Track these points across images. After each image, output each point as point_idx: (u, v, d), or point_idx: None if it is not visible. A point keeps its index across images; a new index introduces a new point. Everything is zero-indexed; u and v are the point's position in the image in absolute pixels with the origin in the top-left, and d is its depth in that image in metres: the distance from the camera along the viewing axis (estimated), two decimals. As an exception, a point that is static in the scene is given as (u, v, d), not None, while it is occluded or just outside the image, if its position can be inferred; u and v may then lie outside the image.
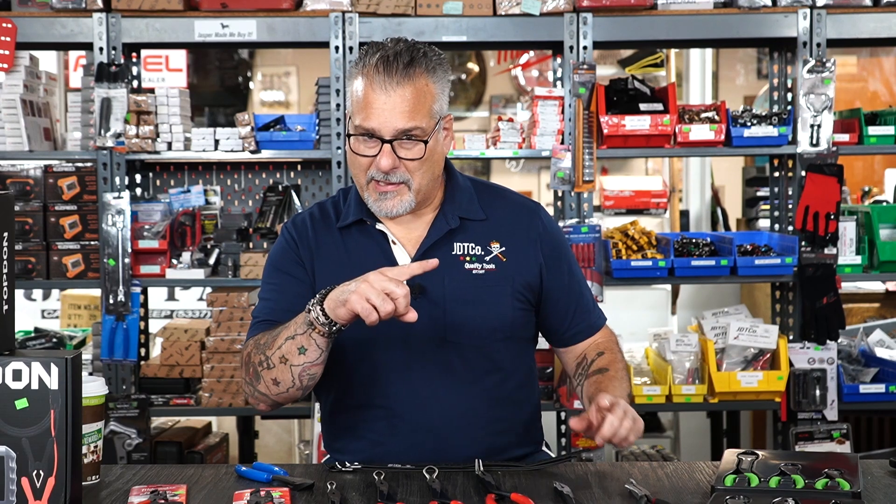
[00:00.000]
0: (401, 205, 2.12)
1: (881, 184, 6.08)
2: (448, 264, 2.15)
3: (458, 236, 2.19)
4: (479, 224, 2.21)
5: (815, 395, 3.82)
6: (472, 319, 2.15)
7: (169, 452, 3.92)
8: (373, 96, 2.06)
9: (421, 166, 2.10)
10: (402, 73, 2.06)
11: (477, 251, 2.19)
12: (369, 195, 2.13)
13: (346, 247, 2.19)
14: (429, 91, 2.09)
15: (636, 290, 4.99)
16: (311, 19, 3.83)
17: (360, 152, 2.10)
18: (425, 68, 2.09)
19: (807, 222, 3.82)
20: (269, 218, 3.93)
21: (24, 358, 1.79)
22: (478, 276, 2.17)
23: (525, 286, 2.20)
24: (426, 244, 2.17)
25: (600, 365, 2.23)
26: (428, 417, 2.14)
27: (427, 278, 2.10)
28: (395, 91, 2.06)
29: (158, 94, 3.85)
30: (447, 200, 2.21)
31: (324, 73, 3.89)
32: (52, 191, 3.89)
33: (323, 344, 1.98)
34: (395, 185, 2.10)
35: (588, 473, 2.04)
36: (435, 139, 2.12)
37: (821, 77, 3.80)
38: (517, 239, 2.22)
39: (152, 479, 2.01)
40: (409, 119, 2.06)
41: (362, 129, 2.08)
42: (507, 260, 2.19)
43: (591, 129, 3.82)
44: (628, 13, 3.82)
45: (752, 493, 1.85)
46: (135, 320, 3.84)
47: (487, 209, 2.23)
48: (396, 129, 2.06)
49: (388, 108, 2.05)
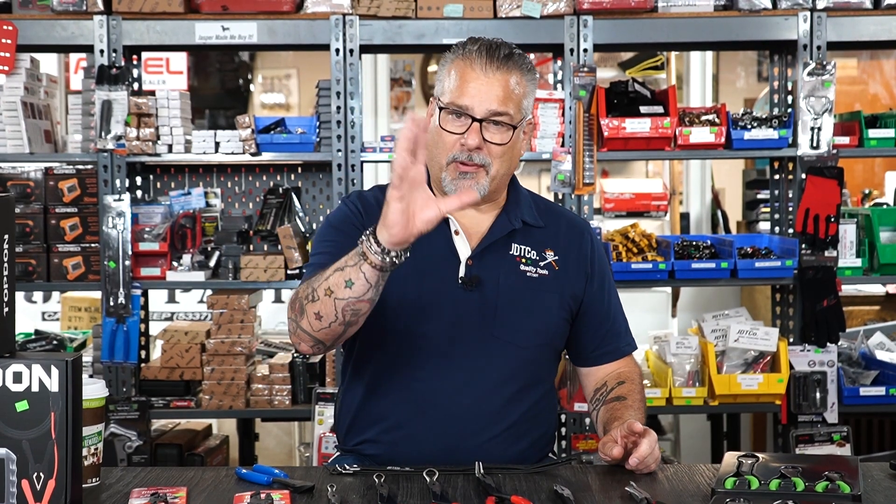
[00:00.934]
0: (476, 187, 2.15)
1: (881, 186, 6.09)
2: (505, 263, 2.21)
3: (516, 238, 2.25)
4: (537, 231, 2.27)
5: (815, 397, 3.82)
6: (521, 321, 2.20)
7: (169, 455, 3.92)
8: (472, 75, 2.14)
9: (503, 153, 2.16)
10: (501, 61, 2.15)
11: (533, 255, 2.24)
12: (447, 174, 2.16)
13: None
14: (522, 87, 2.18)
15: (636, 293, 4.99)
16: (312, 22, 3.83)
17: (448, 128, 2.15)
18: (521, 66, 2.18)
19: (807, 225, 3.82)
20: (270, 220, 3.93)
21: (24, 360, 1.79)
22: (531, 279, 2.22)
23: (572, 297, 2.26)
24: (487, 240, 2.22)
25: (619, 393, 2.26)
26: (459, 408, 2.17)
27: (483, 274, 2.18)
28: (494, 74, 2.14)
29: (159, 97, 3.86)
30: (510, 203, 2.27)
31: (324, 75, 3.89)
32: (52, 193, 3.89)
33: (372, 277, 1.91)
34: (475, 167, 2.15)
35: (588, 476, 2.04)
36: (518, 133, 2.19)
37: (821, 80, 3.80)
38: (569, 252, 2.28)
39: (152, 482, 2.01)
40: (501, 103, 2.14)
41: (454, 106, 2.14)
42: (559, 269, 2.25)
43: (592, 132, 3.82)
44: (629, 16, 3.82)
45: (753, 496, 1.85)
46: (135, 322, 3.84)
47: (544, 219, 2.30)
48: (489, 110, 2.13)
49: (485, 89, 2.13)
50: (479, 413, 2.18)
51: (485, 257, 2.21)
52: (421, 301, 2.17)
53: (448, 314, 2.16)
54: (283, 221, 3.92)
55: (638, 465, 2.00)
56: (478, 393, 2.18)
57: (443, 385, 2.17)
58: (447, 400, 2.17)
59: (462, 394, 2.17)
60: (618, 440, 2.04)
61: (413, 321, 2.17)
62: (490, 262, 2.20)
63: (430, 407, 2.18)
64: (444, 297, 2.17)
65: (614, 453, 2.02)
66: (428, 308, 2.15)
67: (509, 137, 2.16)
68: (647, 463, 2.02)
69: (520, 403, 2.22)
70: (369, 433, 2.24)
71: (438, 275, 2.18)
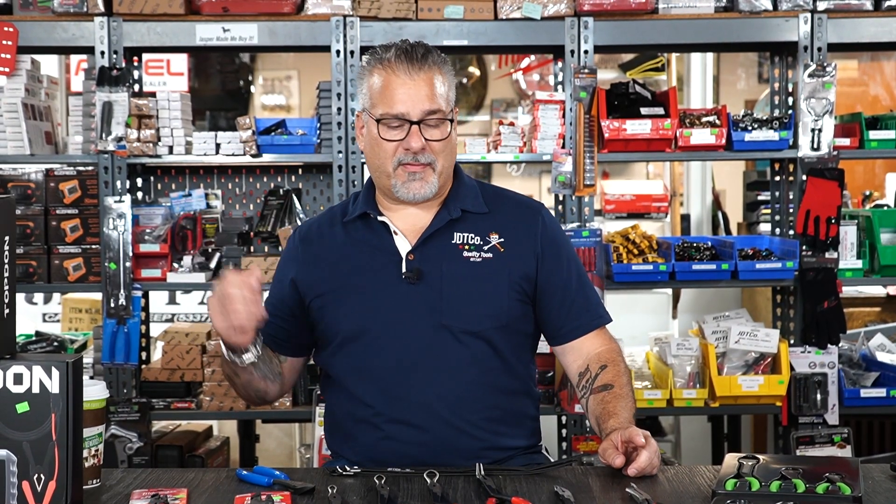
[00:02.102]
0: (427, 187, 2.22)
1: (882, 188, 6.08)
2: (447, 252, 2.24)
3: (458, 227, 2.27)
4: (480, 217, 2.29)
5: (815, 399, 3.82)
6: (468, 305, 2.21)
7: (170, 456, 3.92)
8: (398, 82, 2.20)
9: (445, 148, 2.23)
10: (421, 61, 2.21)
11: (476, 241, 2.26)
12: (397, 180, 2.22)
13: (349, 238, 2.29)
14: (444, 81, 2.24)
15: (637, 294, 4.99)
16: (313, 23, 3.83)
17: (388, 137, 2.21)
18: (438, 62, 2.24)
19: (808, 226, 3.82)
20: (271, 222, 3.93)
21: (25, 362, 1.79)
22: (475, 264, 2.24)
23: (522, 277, 2.25)
24: (427, 233, 2.25)
25: (605, 381, 2.24)
26: (426, 400, 2.18)
27: (424, 265, 2.22)
28: (419, 75, 2.20)
29: (160, 98, 3.86)
30: (451, 195, 2.30)
31: (325, 76, 3.89)
32: (53, 194, 3.89)
33: (243, 371, 2.21)
34: (422, 167, 2.21)
35: (589, 477, 2.04)
36: (451, 127, 2.25)
37: (822, 81, 3.80)
38: (517, 233, 2.28)
39: (153, 483, 2.01)
40: (432, 101, 2.20)
41: (390, 116, 2.20)
42: (504, 251, 2.26)
43: (592, 133, 3.82)
44: (629, 17, 3.83)
45: (753, 498, 1.85)
46: (136, 324, 3.84)
47: (490, 205, 2.32)
48: (423, 111, 2.19)
49: (414, 92, 2.19)
50: (447, 402, 2.19)
51: (426, 250, 2.24)
52: (369, 304, 2.22)
53: (397, 311, 2.20)
54: (284, 223, 3.92)
55: (636, 475, 2.01)
56: (442, 383, 2.19)
57: (406, 382, 2.19)
58: (412, 395, 2.19)
59: (427, 386, 2.19)
60: (618, 446, 2.04)
61: (364, 324, 2.22)
62: (431, 254, 2.24)
63: (397, 404, 2.19)
64: (391, 294, 2.21)
65: (616, 463, 2.02)
66: (376, 309, 2.21)
67: (448, 131, 2.22)
68: (646, 472, 2.02)
69: (490, 386, 2.22)
70: (349, 438, 2.26)
71: (382, 275, 2.23)
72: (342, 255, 2.27)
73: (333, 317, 2.25)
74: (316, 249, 2.31)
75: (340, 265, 2.26)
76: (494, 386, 2.23)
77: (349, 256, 2.27)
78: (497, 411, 2.23)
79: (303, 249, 2.33)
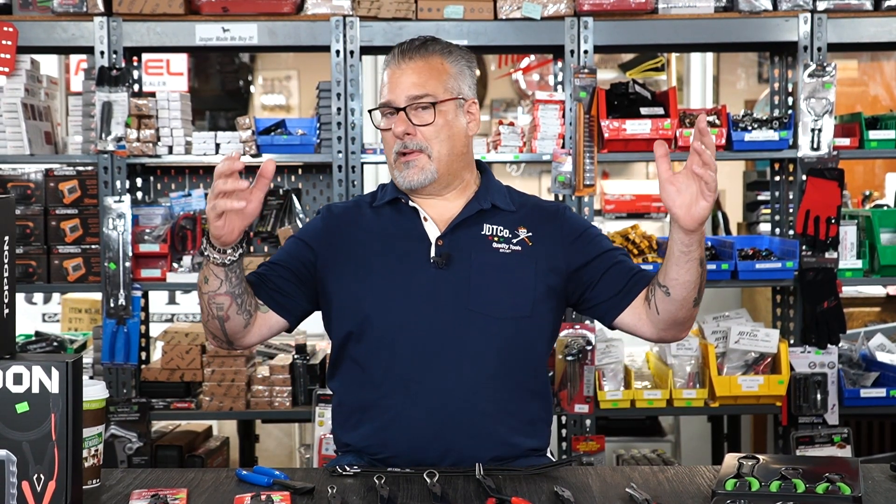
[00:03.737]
0: (422, 174, 2.24)
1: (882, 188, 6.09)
2: (476, 241, 2.26)
3: (488, 219, 2.29)
4: (509, 213, 2.31)
5: (815, 399, 3.82)
6: (496, 293, 2.22)
7: (169, 456, 3.91)
8: (389, 73, 2.27)
9: (437, 133, 2.24)
10: (415, 50, 2.26)
11: (505, 234, 2.28)
12: (396, 170, 2.26)
13: (379, 222, 2.31)
14: (443, 69, 2.26)
15: (637, 294, 4.98)
16: (312, 23, 3.83)
17: (383, 126, 2.28)
18: (440, 51, 2.28)
19: (808, 226, 3.82)
20: (270, 222, 3.93)
21: (24, 362, 1.79)
22: (504, 255, 2.26)
23: (552, 269, 2.26)
24: (457, 220, 2.27)
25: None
26: (445, 385, 2.18)
27: (454, 252, 2.23)
28: (408, 64, 2.25)
29: (159, 98, 3.86)
30: (482, 189, 2.33)
31: (325, 76, 3.89)
32: (52, 194, 3.89)
33: (219, 272, 2.13)
34: (414, 154, 2.24)
35: (589, 477, 2.04)
36: (453, 114, 2.26)
37: (821, 81, 3.80)
38: (544, 229, 2.31)
39: (153, 483, 2.01)
40: (418, 87, 2.23)
41: (381, 105, 2.27)
42: (533, 245, 2.28)
43: (592, 133, 3.82)
44: (629, 17, 3.83)
45: (753, 498, 1.85)
46: (135, 324, 3.84)
47: (517, 204, 2.35)
48: (407, 97, 2.23)
49: (401, 80, 2.24)
50: (466, 389, 2.18)
51: (455, 237, 2.25)
52: (395, 285, 2.22)
53: (423, 294, 2.20)
54: (284, 223, 3.92)
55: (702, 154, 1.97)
56: (461, 369, 2.19)
57: (425, 364, 2.19)
58: (431, 378, 2.18)
59: (446, 371, 2.18)
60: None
61: (389, 306, 2.21)
62: (461, 242, 2.25)
63: (415, 386, 2.19)
64: (417, 278, 2.22)
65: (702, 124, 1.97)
66: (402, 291, 2.21)
67: (432, 117, 2.23)
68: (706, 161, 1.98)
69: (506, 380, 2.22)
70: (360, 423, 2.24)
71: (410, 259, 2.24)
72: (369, 236, 2.28)
73: (358, 300, 2.23)
74: (342, 228, 2.31)
75: (367, 245, 2.27)
76: (513, 380, 2.23)
77: (377, 237, 2.27)
78: (512, 404, 2.23)
79: (330, 224, 2.33)
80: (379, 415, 2.21)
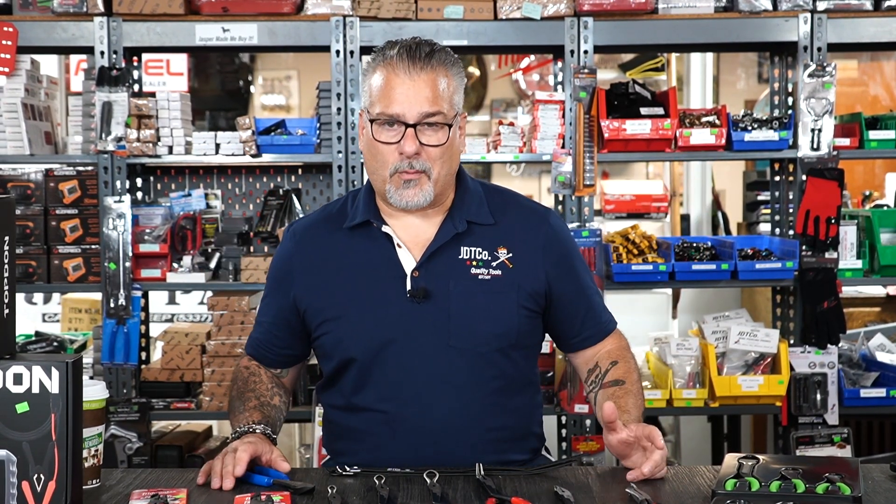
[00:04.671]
0: (421, 195, 2.12)
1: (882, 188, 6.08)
2: (454, 268, 2.16)
3: (465, 240, 2.19)
4: (488, 229, 2.21)
5: (815, 399, 3.82)
6: (477, 325, 2.14)
7: (169, 456, 3.91)
8: (396, 82, 2.09)
9: (442, 154, 2.12)
10: (424, 61, 2.10)
11: (484, 256, 2.18)
12: (391, 186, 2.13)
13: (351, 249, 2.20)
14: (450, 82, 2.13)
15: (637, 294, 4.99)
16: (312, 23, 3.83)
17: (383, 139, 2.11)
18: (444, 62, 2.14)
19: (807, 226, 3.82)
20: (270, 222, 3.93)
21: (24, 362, 1.79)
22: (483, 282, 2.16)
23: (531, 293, 2.19)
24: (432, 248, 2.17)
25: (615, 376, 2.21)
26: (429, 422, 2.14)
27: (432, 282, 2.13)
28: (419, 76, 2.09)
29: (159, 98, 3.86)
30: (456, 204, 2.21)
31: (325, 76, 3.89)
32: (52, 195, 3.89)
33: None
34: (417, 174, 2.11)
35: (589, 477, 2.04)
36: (454, 131, 2.15)
37: (821, 81, 3.80)
38: (525, 245, 2.20)
39: (153, 483, 2.01)
40: (432, 104, 2.09)
41: (385, 116, 2.10)
42: (513, 266, 2.18)
43: (592, 133, 3.82)
44: (629, 17, 3.83)
45: (753, 498, 1.85)
46: (135, 324, 3.84)
47: (496, 214, 2.23)
48: (420, 113, 2.09)
49: (413, 93, 2.09)
50: (452, 424, 2.14)
51: (432, 266, 2.16)
52: (372, 322, 2.15)
53: (401, 330, 2.12)
54: (284, 223, 3.92)
55: (650, 474, 1.98)
56: (446, 406, 2.14)
57: (408, 403, 2.14)
58: (416, 417, 2.14)
59: (431, 409, 2.14)
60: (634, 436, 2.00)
61: (367, 343, 2.15)
62: (438, 270, 2.15)
63: (400, 427, 2.15)
64: (395, 313, 2.14)
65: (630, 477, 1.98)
66: (380, 328, 2.13)
67: (446, 137, 2.12)
68: (657, 473, 1.99)
69: (494, 406, 2.18)
70: (347, 451, 2.22)
71: (386, 292, 2.15)
72: (343, 269, 2.18)
73: (338, 339, 2.18)
74: (313, 259, 2.22)
75: (342, 281, 2.17)
76: (502, 406, 2.19)
77: (350, 270, 2.18)
78: (505, 432, 2.20)
79: (299, 259, 2.24)
80: (364, 448, 2.19)
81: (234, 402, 2.26)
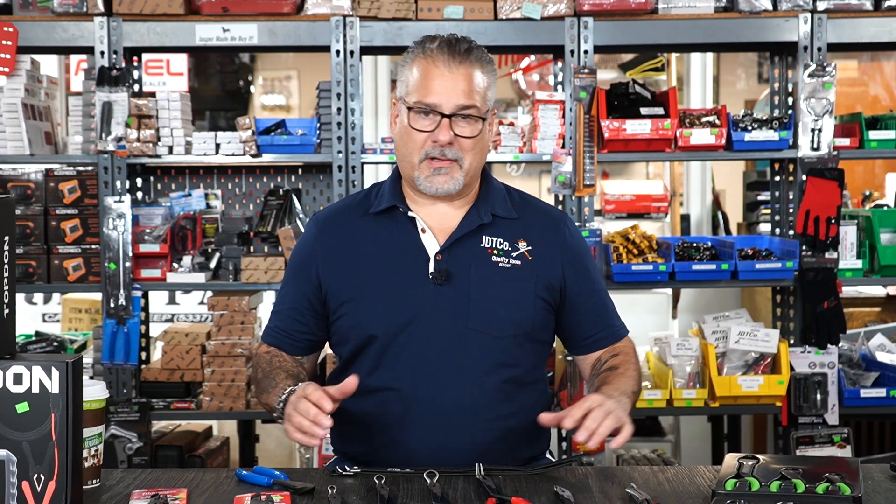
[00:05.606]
0: (451, 182, 2.20)
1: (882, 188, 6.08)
2: (476, 255, 2.23)
3: (487, 230, 2.26)
4: (510, 222, 2.29)
5: (815, 399, 3.82)
6: (496, 310, 2.20)
7: (169, 456, 3.91)
8: (435, 72, 2.18)
9: (474, 146, 2.21)
10: (463, 56, 2.19)
11: (504, 246, 2.25)
12: (421, 172, 2.21)
13: (375, 233, 2.26)
14: (484, 79, 2.22)
15: (637, 294, 4.99)
16: (312, 23, 3.83)
17: (418, 127, 2.19)
18: (481, 59, 2.22)
19: (808, 226, 3.82)
20: (270, 222, 3.93)
21: (24, 362, 1.79)
22: (504, 270, 2.23)
23: (548, 286, 2.25)
24: (456, 235, 2.23)
25: (611, 364, 2.27)
26: (442, 403, 2.17)
27: (454, 267, 2.20)
28: (458, 69, 2.18)
29: (159, 98, 3.86)
30: (482, 196, 2.29)
31: (325, 76, 3.89)
32: (52, 195, 3.89)
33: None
34: (448, 162, 2.19)
35: (589, 477, 2.04)
36: (486, 125, 2.23)
37: (822, 81, 3.80)
38: (544, 241, 2.28)
39: (153, 483, 2.01)
40: (468, 97, 2.18)
41: (422, 105, 2.18)
42: (532, 259, 2.25)
43: (592, 133, 3.82)
44: (629, 17, 3.82)
45: (753, 498, 1.85)
46: (135, 324, 3.84)
47: (518, 210, 2.31)
48: (456, 105, 2.17)
49: (451, 85, 2.17)
50: (463, 408, 2.17)
51: (454, 251, 2.22)
52: (393, 302, 2.20)
53: (421, 311, 2.18)
54: (284, 223, 3.92)
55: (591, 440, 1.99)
56: (460, 388, 2.18)
57: (424, 383, 2.18)
58: (429, 398, 2.17)
59: (444, 390, 2.17)
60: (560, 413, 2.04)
61: (388, 322, 2.19)
62: (460, 256, 2.22)
63: (413, 406, 2.18)
64: (416, 294, 2.19)
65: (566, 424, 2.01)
66: (401, 308, 2.18)
67: (479, 130, 2.20)
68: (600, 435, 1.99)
69: (506, 394, 2.21)
70: (357, 437, 2.24)
71: (408, 274, 2.21)
72: (366, 251, 2.24)
73: (358, 319, 2.22)
74: (336, 243, 2.27)
75: (364, 263, 2.23)
76: (513, 396, 2.22)
77: (373, 253, 2.24)
78: (513, 420, 2.22)
79: (322, 243, 2.28)
80: (377, 431, 2.21)
81: (262, 382, 2.25)
